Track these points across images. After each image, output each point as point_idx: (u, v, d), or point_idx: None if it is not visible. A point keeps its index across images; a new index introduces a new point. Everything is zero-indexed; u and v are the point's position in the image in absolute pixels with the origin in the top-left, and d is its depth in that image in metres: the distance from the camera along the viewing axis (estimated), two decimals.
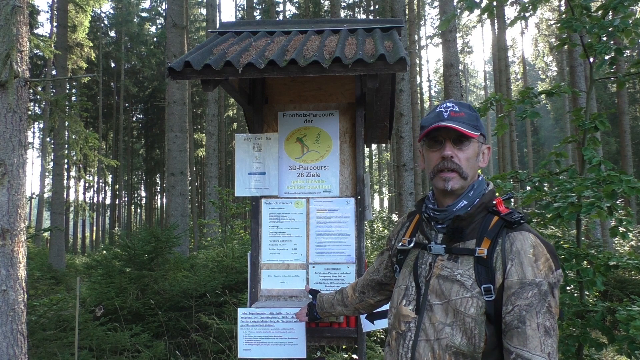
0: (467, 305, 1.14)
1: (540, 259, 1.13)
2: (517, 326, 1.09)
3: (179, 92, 10.13)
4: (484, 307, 1.13)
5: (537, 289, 1.10)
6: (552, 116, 38.14)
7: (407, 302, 1.26)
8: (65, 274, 12.39)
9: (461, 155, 1.23)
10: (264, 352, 2.39)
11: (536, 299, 1.09)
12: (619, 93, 15.53)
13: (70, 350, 4.14)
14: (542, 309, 1.09)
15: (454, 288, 1.17)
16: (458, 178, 1.23)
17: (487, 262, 1.15)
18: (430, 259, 1.26)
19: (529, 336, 1.07)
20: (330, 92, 2.78)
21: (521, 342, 1.08)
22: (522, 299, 1.10)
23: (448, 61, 9.11)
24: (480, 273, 1.15)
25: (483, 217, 1.22)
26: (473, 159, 1.25)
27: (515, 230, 1.17)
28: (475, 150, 1.25)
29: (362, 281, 1.71)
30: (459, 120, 1.22)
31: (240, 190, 2.66)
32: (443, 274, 1.21)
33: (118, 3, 32.13)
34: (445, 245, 1.23)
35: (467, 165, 1.23)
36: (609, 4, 2.68)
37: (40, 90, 3.47)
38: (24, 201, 2.85)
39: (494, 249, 1.16)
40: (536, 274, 1.11)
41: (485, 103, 3.12)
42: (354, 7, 28.92)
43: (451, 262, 1.21)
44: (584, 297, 2.67)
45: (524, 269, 1.12)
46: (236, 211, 8.94)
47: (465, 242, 1.21)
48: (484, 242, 1.18)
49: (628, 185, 2.30)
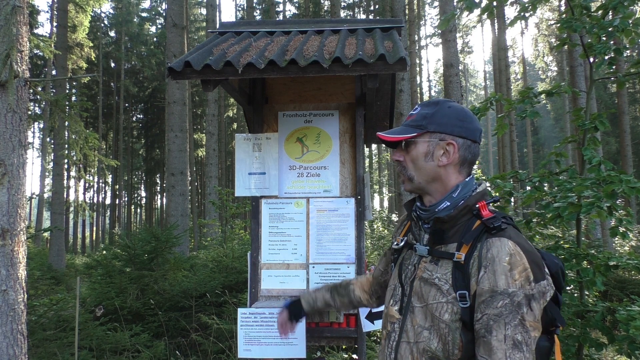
0: (441, 310, 1.12)
1: (517, 268, 1.05)
2: (483, 335, 1.05)
3: (179, 92, 10.13)
4: (459, 314, 1.10)
5: (509, 299, 1.04)
6: (552, 116, 38.16)
7: (394, 302, 1.25)
8: (65, 274, 12.39)
9: (407, 157, 1.24)
10: (264, 352, 2.40)
11: (506, 309, 1.03)
12: (619, 93, 15.53)
13: (70, 350, 4.14)
14: (514, 320, 1.03)
15: (432, 292, 1.15)
16: (407, 180, 1.25)
17: (464, 267, 1.11)
18: (415, 260, 1.24)
19: (493, 347, 1.03)
20: (330, 92, 2.78)
21: (486, 352, 1.04)
22: (492, 308, 1.05)
23: (448, 61, 9.12)
24: (457, 278, 1.11)
25: (467, 220, 1.17)
26: (421, 159, 1.21)
27: (494, 237, 1.10)
28: (423, 150, 1.21)
29: (371, 285, 1.62)
30: (404, 124, 1.24)
31: (240, 190, 2.66)
32: (424, 276, 1.19)
33: (118, 3, 32.13)
34: (428, 247, 1.21)
35: (412, 166, 1.23)
36: (609, 4, 2.68)
37: (40, 90, 3.47)
38: (24, 201, 2.85)
39: (472, 254, 1.11)
40: (509, 284, 1.04)
41: (485, 103, 3.12)
42: (354, 7, 28.93)
43: (432, 264, 1.19)
44: (584, 297, 2.67)
45: (497, 277, 1.05)
46: (236, 211, 8.95)
47: (447, 245, 1.17)
48: (463, 246, 1.14)
49: (628, 185, 2.30)
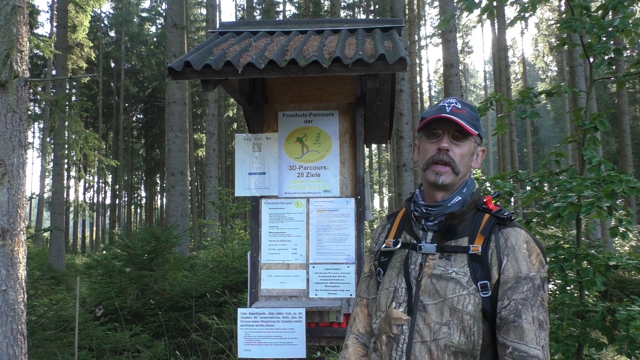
0: (464, 302, 1.14)
1: (533, 253, 1.16)
2: (513, 320, 1.11)
3: (179, 92, 10.13)
4: (481, 304, 1.14)
5: (531, 283, 1.13)
6: (552, 116, 38.14)
7: (397, 304, 1.23)
8: (65, 274, 12.39)
9: (457, 151, 1.23)
10: (264, 352, 2.40)
11: (531, 292, 1.13)
12: (619, 93, 15.53)
13: (70, 350, 4.14)
14: (536, 302, 1.12)
15: (450, 286, 1.16)
16: (450, 173, 1.22)
17: (482, 258, 1.16)
18: (420, 259, 1.24)
19: (525, 330, 1.10)
20: (330, 92, 2.78)
21: (518, 335, 1.10)
22: (518, 293, 1.12)
23: (448, 61, 9.11)
24: (476, 270, 1.16)
25: (473, 215, 1.24)
26: (467, 157, 1.25)
27: (508, 227, 1.19)
28: (470, 149, 1.26)
29: (364, 319, 1.43)
30: (460, 117, 1.22)
31: (240, 190, 2.66)
32: (436, 273, 1.20)
33: (118, 3, 32.11)
34: (436, 244, 1.23)
35: (461, 161, 1.23)
36: (609, 4, 2.68)
37: (40, 90, 3.48)
38: (24, 201, 2.85)
39: (489, 246, 1.18)
40: (530, 269, 1.14)
41: (485, 103, 3.12)
42: (354, 7, 28.91)
43: (444, 260, 1.20)
44: (584, 297, 2.67)
45: (519, 263, 1.14)
46: (236, 211, 8.95)
47: (457, 240, 1.21)
48: (477, 239, 1.19)
49: (628, 185, 2.30)
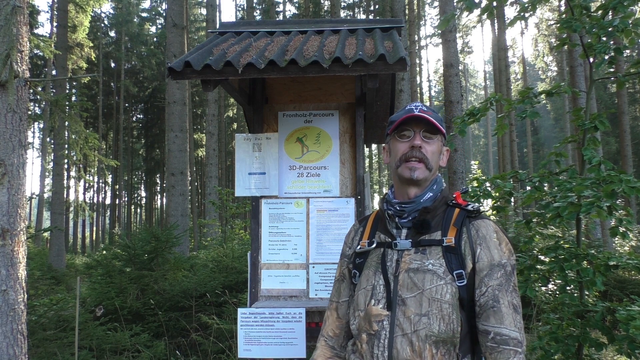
0: (442, 292, 1.19)
1: (502, 242, 1.25)
2: (492, 305, 1.19)
3: (179, 92, 10.13)
4: (458, 292, 1.20)
5: (504, 269, 1.22)
6: (552, 116, 38.14)
7: (376, 301, 1.26)
8: (65, 274, 12.40)
9: (428, 148, 1.30)
10: (264, 352, 2.40)
11: (504, 278, 1.21)
12: (619, 93, 15.52)
13: (70, 350, 4.14)
14: (509, 287, 1.21)
15: (427, 277, 1.21)
16: (424, 169, 1.29)
17: (456, 249, 1.23)
18: (396, 256, 1.29)
19: (504, 314, 1.18)
20: (330, 92, 2.78)
21: (498, 320, 1.17)
22: (493, 279, 1.21)
23: (448, 61, 9.12)
24: (451, 261, 1.23)
25: (444, 210, 1.31)
26: (437, 154, 1.34)
27: (478, 219, 1.28)
28: (439, 147, 1.34)
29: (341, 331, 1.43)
30: (429, 116, 1.31)
31: (240, 190, 2.66)
32: (413, 267, 1.25)
33: (118, 3, 32.11)
34: (411, 240, 1.28)
35: (432, 157, 1.31)
36: (609, 4, 2.68)
37: (40, 90, 3.48)
38: (24, 201, 2.85)
39: (461, 237, 1.25)
40: (502, 256, 1.23)
41: (485, 103, 3.12)
42: (354, 7, 28.91)
43: (419, 254, 1.26)
44: (584, 297, 2.67)
45: (492, 252, 1.23)
46: (236, 211, 8.95)
47: (431, 234, 1.27)
48: (450, 231, 1.26)
49: (628, 185, 2.30)
